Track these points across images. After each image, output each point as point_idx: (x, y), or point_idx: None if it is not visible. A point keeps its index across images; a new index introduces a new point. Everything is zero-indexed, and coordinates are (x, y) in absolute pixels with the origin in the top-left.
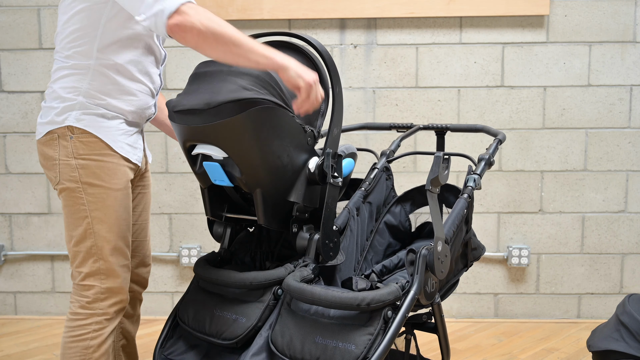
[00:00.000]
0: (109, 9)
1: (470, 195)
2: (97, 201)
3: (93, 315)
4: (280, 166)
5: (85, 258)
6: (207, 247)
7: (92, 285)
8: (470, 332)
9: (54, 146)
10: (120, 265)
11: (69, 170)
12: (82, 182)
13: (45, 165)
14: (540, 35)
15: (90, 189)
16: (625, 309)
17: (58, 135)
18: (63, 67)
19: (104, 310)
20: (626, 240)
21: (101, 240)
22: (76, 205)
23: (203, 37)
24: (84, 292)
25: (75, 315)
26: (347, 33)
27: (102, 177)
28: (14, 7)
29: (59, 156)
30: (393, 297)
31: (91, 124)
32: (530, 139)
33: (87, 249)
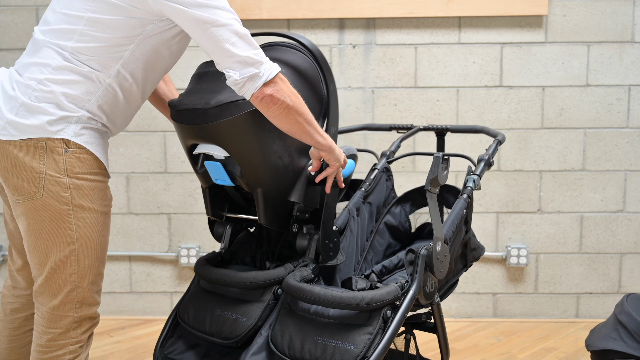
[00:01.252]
0: (152, 26)
1: (469, 195)
2: (87, 226)
3: (66, 345)
4: (281, 166)
5: (61, 286)
6: (206, 247)
7: (63, 315)
8: (469, 331)
9: (39, 156)
10: (97, 292)
11: (59, 189)
12: (74, 205)
13: (18, 174)
14: (539, 35)
15: (81, 212)
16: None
17: (46, 145)
18: (74, 70)
19: (77, 338)
20: (624, 239)
21: (84, 268)
22: (60, 229)
23: (287, 112)
24: (54, 322)
25: (44, 347)
26: (346, 33)
27: (95, 199)
28: (12, 6)
29: (46, 170)
30: (392, 297)
31: (90, 140)
32: (528, 139)
33: (65, 277)
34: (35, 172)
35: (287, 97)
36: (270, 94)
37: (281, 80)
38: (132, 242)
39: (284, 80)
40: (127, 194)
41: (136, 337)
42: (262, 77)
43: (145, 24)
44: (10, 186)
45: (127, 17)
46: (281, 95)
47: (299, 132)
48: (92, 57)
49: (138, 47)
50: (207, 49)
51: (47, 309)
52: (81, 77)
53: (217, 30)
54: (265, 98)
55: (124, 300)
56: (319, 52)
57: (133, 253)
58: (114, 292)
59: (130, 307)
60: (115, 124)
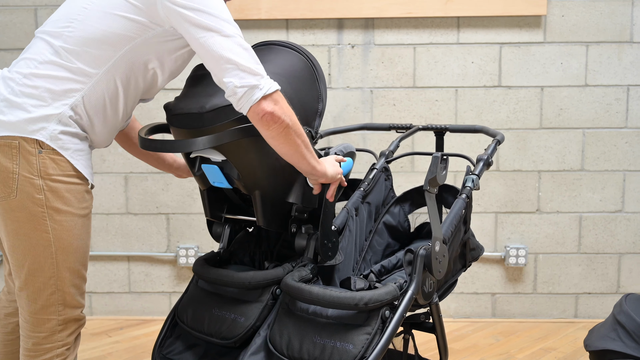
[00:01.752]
0: (152, 33)
1: (468, 195)
2: (64, 229)
3: (52, 349)
4: (279, 168)
5: (41, 289)
6: (204, 247)
7: (47, 319)
8: (468, 331)
9: (12, 155)
10: (79, 294)
11: (33, 190)
12: (48, 207)
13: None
14: (538, 35)
15: (57, 215)
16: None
17: (19, 145)
18: (62, 65)
19: (64, 341)
20: (623, 240)
21: (64, 271)
22: (36, 231)
23: (286, 131)
24: (37, 327)
25: (31, 352)
26: (344, 33)
27: (71, 201)
28: (10, 6)
29: (19, 170)
30: (391, 297)
31: (66, 145)
32: (527, 139)
33: (44, 280)
34: (9, 172)
35: (287, 116)
36: (270, 112)
37: (281, 98)
38: (131, 242)
39: (283, 99)
40: (126, 194)
41: (135, 337)
42: (262, 89)
43: (146, 30)
44: None
45: (128, 19)
46: (281, 113)
47: (296, 154)
48: (82, 54)
49: (132, 52)
50: (208, 58)
51: (28, 313)
52: (68, 73)
53: (221, 40)
54: (265, 116)
55: (123, 301)
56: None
57: (131, 253)
58: (112, 292)
59: (128, 307)
60: (94, 131)
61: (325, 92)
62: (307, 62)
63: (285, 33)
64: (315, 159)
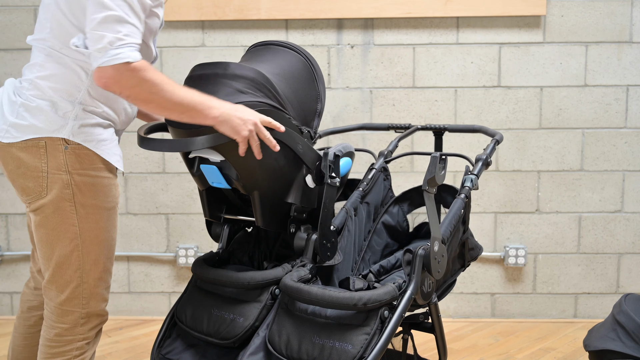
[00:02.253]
0: None
1: (467, 195)
2: (90, 222)
3: (73, 342)
4: (277, 168)
5: (68, 282)
6: (204, 247)
7: (71, 310)
8: (467, 331)
9: (40, 155)
10: (105, 288)
11: (61, 186)
12: (76, 201)
13: (23, 174)
14: (537, 35)
15: (83, 208)
16: (622, 309)
17: (46, 144)
18: (57, 61)
19: (85, 334)
20: (622, 240)
21: (89, 263)
22: (64, 225)
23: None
24: (61, 317)
25: (52, 342)
26: (344, 33)
27: (97, 195)
28: (10, 6)
29: (48, 167)
30: (390, 297)
31: (89, 137)
32: (527, 139)
33: (71, 272)
34: (38, 171)
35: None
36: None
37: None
38: (130, 242)
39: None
40: (125, 194)
41: (134, 337)
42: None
43: None
44: (18, 188)
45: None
46: (118, 87)
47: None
48: (66, 49)
49: None
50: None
51: (55, 304)
52: (64, 69)
53: None
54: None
55: (122, 301)
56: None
57: (131, 253)
58: (112, 292)
59: (128, 307)
60: (117, 112)
61: (324, 92)
62: (305, 62)
63: (284, 33)
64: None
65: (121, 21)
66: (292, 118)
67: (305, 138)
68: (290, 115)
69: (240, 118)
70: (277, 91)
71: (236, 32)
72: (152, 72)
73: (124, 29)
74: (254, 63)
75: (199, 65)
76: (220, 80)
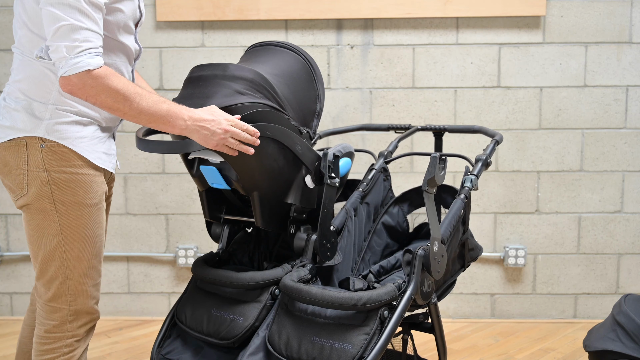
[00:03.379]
0: None
1: (467, 195)
2: (70, 219)
3: (62, 339)
4: (277, 169)
5: (53, 278)
6: (204, 248)
7: (58, 307)
8: (467, 332)
9: (20, 153)
10: (92, 285)
11: (39, 183)
12: (55, 198)
13: (8, 173)
14: (537, 35)
15: (63, 205)
16: (622, 309)
17: (26, 142)
18: (27, 64)
19: (73, 332)
20: (622, 240)
21: (72, 260)
22: (46, 221)
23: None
24: (50, 314)
25: (42, 339)
26: (343, 33)
27: (77, 191)
28: (9, 7)
29: (27, 166)
30: (389, 297)
31: (64, 135)
32: (526, 140)
33: (55, 269)
34: (20, 169)
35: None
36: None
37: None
38: (130, 242)
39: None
40: (125, 195)
41: (134, 338)
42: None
43: None
44: (5, 187)
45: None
46: (83, 93)
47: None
48: (35, 50)
49: None
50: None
51: (43, 301)
52: (35, 73)
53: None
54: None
55: (122, 301)
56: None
57: (131, 254)
58: (111, 293)
59: (127, 308)
60: (97, 110)
61: (323, 93)
62: (304, 63)
63: (284, 33)
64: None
65: (75, 29)
66: (291, 119)
67: (304, 139)
68: (289, 115)
69: (208, 129)
70: (276, 92)
71: (236, 32)
72: (116, 78)
73: (80, 36)
74: (253, 64)
75: (197, 67)
76: (219, 81)
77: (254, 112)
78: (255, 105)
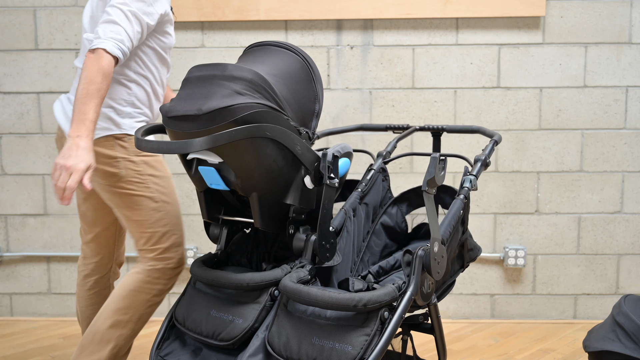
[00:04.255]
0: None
1: (466, 196)
2: (162, 188)
3: (160, 278)
4: (276, 169)
5: (163, 234)
6: (203, 248)
7: (171, 257)
8: (467, 332)
9: (112, 146)
10: (177, 245)
11: (134, 165)
12: (147, 174)
13: (104, 162)
14: (536, 36)
15: (154, 179)
16: (622, 310)
17: (115, 137)
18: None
19: (171, 275)
20: (622, 240)
21: (173, 217)
22: (146, 194)
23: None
24: (163, 262)
25: (149, 276)
26: (343, 34)
27: (159, 168)
28: (10, 7)
29: (119, 155)
30: (389, 298)
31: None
32: (526, 140)
33: (163, 227)
34: (113, 159)
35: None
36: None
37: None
38: (129, 243)
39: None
40: None
41: None
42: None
43: None
44: (102, 176)
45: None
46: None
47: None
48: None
49: (145, 44)
50: None
51: (154, 255)
52: (114, 82)
53: None
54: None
55: None
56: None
57: (131, 254)
58: None
59: None
60: (154, 112)
61: (322, 93)
62: (303, 63)
63: (284, 34)
64: (83, 113)
65: (114, 23)
66: (290, 119)
67: (303, 139)
68: (288, 116)
69: (74, 153)
70: (275, 92)
71: (236, 33)
72: (106, 72)
73: (115, 29)
74: (252, 64)
75: (196, 67)
76: (217, 81)
77: (253, 112)
78: (254, 105)
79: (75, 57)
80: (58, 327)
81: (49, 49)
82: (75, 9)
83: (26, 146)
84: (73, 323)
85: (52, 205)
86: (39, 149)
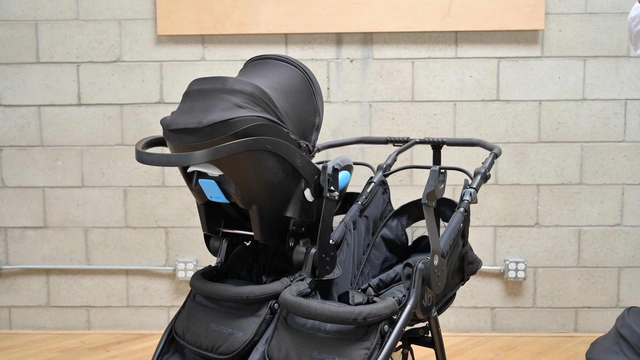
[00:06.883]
0: None
1: (466, 209)
2: None
3: None
4: (276, 182)
5: None
6: (203, 261)
7: None
8: (467, 346)
9: None
10: None
11: None
12: None
13: None
14: (535, 49)
15: None
16: (625, 322)
17: None
18: None
19: None
20: (622, 253)
21: None
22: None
23: None
24: None
25: None
26: (343, 48)
27: None
28: (11, 21)
29: None
30: (389, 311)
31: None
32: (526, 153)
33: None
34: None
35: None
36: None
37: None
38: (129, 256)
39: None
40: (125, 208)
41: (133, 352)
42: None
43: None
44: None
45: None
46: None
47: None
48: None
49: None
50: None
51: None
52: None
53: None
54: None
55: (121, 315)
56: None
57: (130, 267)
58: (110, 307)
59: (126, 322)
60: None
61: (322, 106)
62: (303, 76)
63: (284, 48)
64: None
65: None
66: (290, 132)
67: (303, 152)
68: (288, 129)
69: None
70: (276, 105)
71: (236, 46)
72: None
73: None
74: (252, 77)
75: (196, 80)
76: (218, 95)
77: (253, 125)
78: (255, 118)
79: (77, 71)
80: (57, 340)
81: (50, 62)
82: (77, 23)
83: (26, 159)
84: (72, 336)
85: (52, 218)
86: (39, 162)
